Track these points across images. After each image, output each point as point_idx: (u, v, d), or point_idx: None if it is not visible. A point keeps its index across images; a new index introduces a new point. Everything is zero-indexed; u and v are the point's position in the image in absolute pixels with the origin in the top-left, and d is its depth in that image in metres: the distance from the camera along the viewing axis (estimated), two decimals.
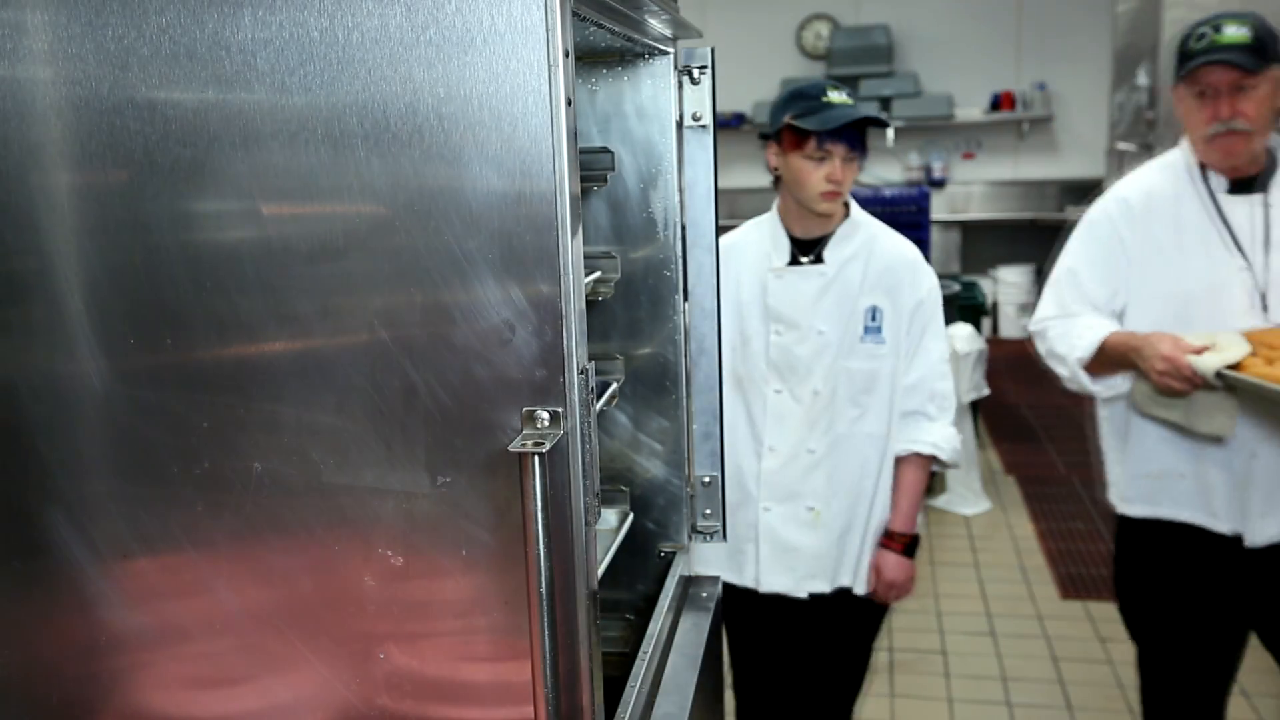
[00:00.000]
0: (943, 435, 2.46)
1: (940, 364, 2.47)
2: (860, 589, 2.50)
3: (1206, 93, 2.26)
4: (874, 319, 2.43)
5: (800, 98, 2.38)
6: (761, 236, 2.51)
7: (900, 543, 2.50)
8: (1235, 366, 2.15)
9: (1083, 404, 2.61)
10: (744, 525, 2.48)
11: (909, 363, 2.45)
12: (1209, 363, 2.16)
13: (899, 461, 2.48)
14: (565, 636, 1.06)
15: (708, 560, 2.46)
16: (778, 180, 2.47)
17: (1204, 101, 2.26)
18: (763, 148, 2.57)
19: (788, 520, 2.46)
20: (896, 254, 2.48)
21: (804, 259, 2.46)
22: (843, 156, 2.35)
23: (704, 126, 1.69)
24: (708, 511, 1.74)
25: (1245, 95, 2.22)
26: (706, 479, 1.77)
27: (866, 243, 2.47)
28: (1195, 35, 2.26)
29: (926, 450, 2.44)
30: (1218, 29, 2.23)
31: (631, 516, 1.72)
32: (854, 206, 2.51)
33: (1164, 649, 2.55)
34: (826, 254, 2.45)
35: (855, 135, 2.35)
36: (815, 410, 2.43)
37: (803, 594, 2.49)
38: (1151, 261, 2.39)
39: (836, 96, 2.34)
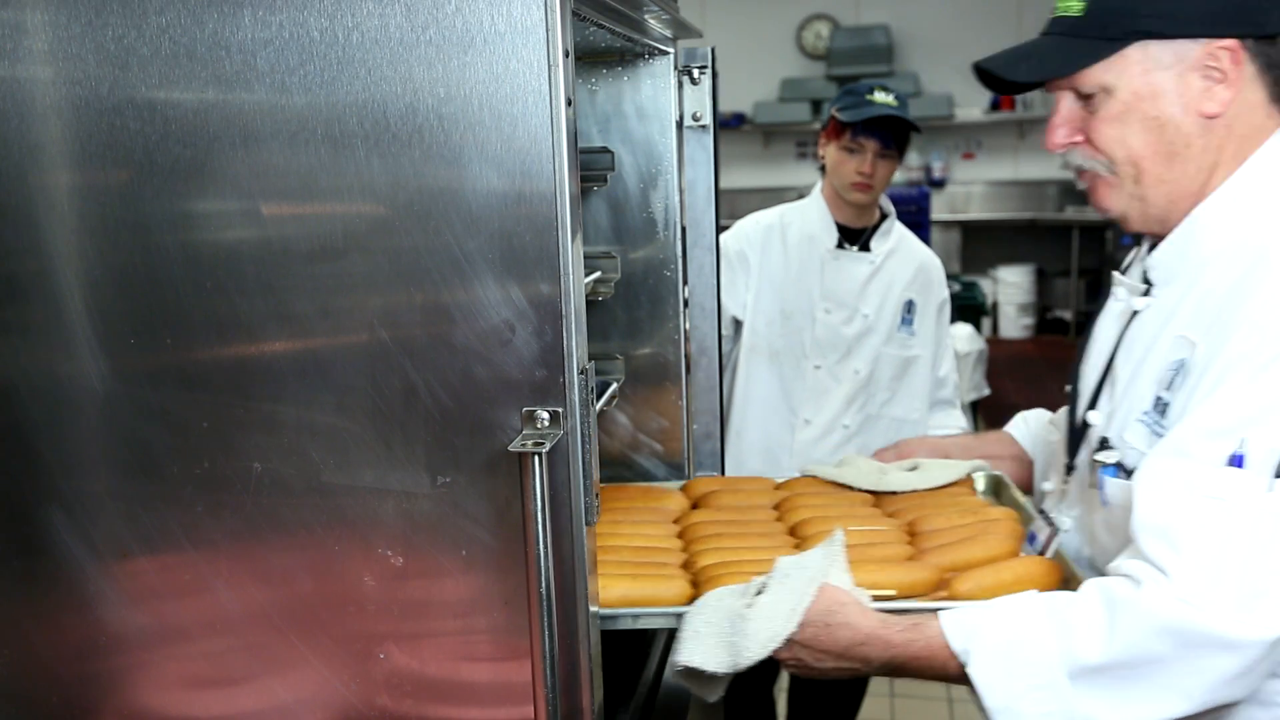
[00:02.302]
0: (961, 419, 2.77)
1: (954, 358, 2.78)
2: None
3: None
4: (909, 312, 2.64)
5: (850, 93, 2.57)
6: (806, 219, 2.68)
7: None
8: None
9: None
10: None
11: (939, 357, 2.69)
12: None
13: None
14: (565, 636, 1.06)
15: None
16: (823, 168, 2.66)
17: None
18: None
19: None
20: (926, 255, 2.72)
21: (849, 246, 2.64)
22: (875, 151, 2.50)
23: (704, 126, 1.69)
24: None
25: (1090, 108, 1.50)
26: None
27: (902, 240, 2.68)
28: None
29: (958, 433, 2.65)
30: None
31: None
32: (890, 206, 2.70)
33: None
34: (873, 244, 2.64)
35: (889, 134, 2.50)
36: (853, 389, 2.61)
37: None
38: None
39: (880, 96, 2.50)
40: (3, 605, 1.15)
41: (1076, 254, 8.63)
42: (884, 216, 2.67)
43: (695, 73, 1.66)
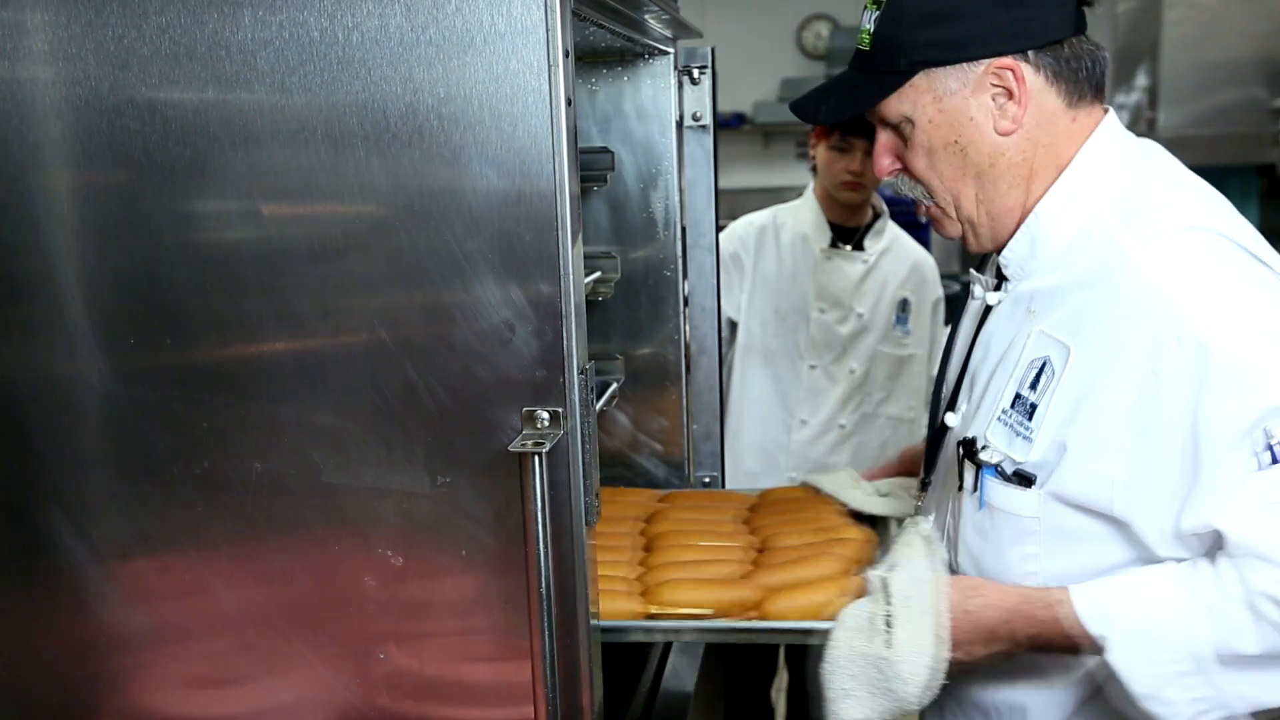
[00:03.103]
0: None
1: None
2: None
3: None
4: (904, 310, 2.65)
5: None
6: (799, 219, 2.68)
7: None
8: None
9: None
10: None
11: (935, 355, 2.65)
12: None
13: None
14: (565, 636, 1.06)
15: None
16: (815, 168, 2.67)
17: None
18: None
19: None
20: (920, 253, 2.73)
21: (842, 245, 2.65)
22: (864, 150, 2.49)
23: (704, 126, 1.69)
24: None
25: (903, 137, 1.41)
26: (707, 479, 1.77)
27: (895, 239, 2.69)
28: None
29: None
30: None
31: None
32: (883, 205, 2.70)
33: None
34: (866, 243, 2.65)
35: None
36: (849, 388, 2.62)
37: None
38: None
39: None
40: (3, 605, 1.15)
41: None
42: (877, 215, 2.67)
43: (695, 73, 1.66)
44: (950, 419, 1.36)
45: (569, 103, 1.02)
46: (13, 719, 1.18)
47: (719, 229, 1.78)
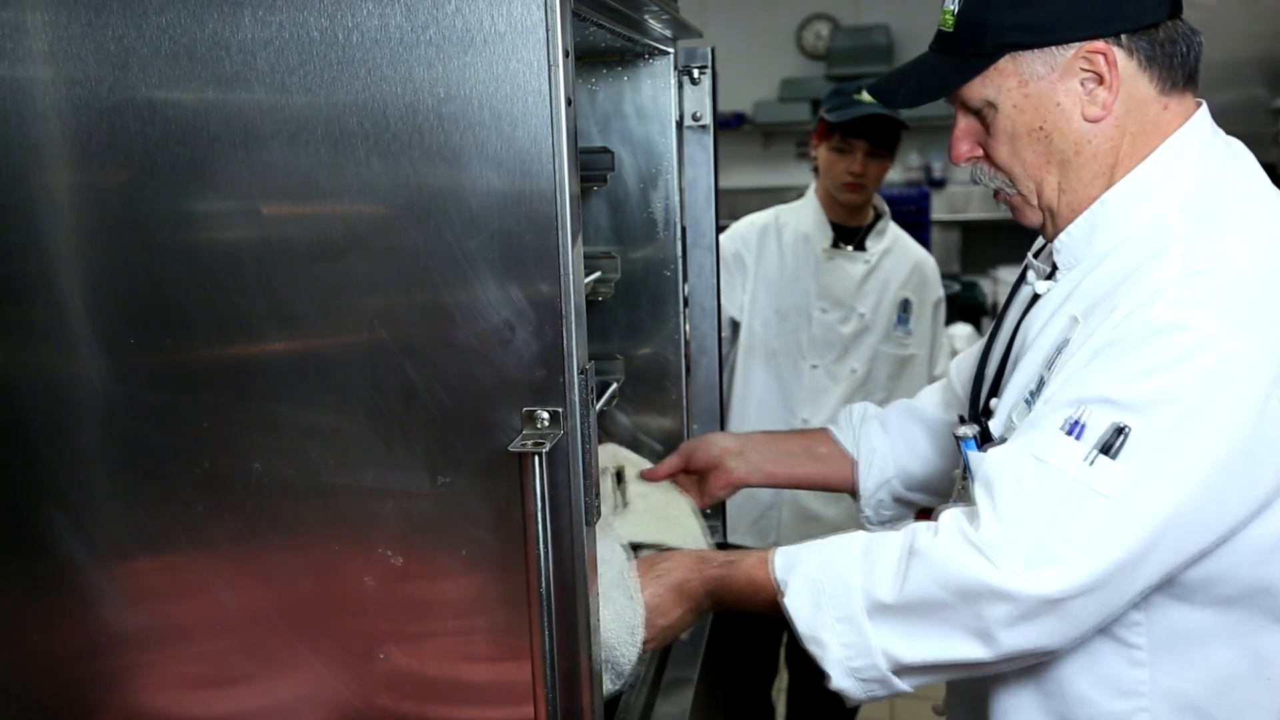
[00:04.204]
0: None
1: (950, 356, 2.73)
2: None
3: None
4: (905, 311, 2.66)
5: (838, 94, 2.59)
6: (801, 219, 2.69)
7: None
8: None
9: None
10: (770, 493, 2.63)
11: (936, 355, 2.71)
12: None
13: None
14: (565, 636, 1.06)
15: (734, 527, 2.52)
16: (816, 169, 2.68)
17: None
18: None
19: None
20: (921, 254, 2.74)
21: (843, 246, 2.66)
22: (864, 151, 2.51)
23: (704, 126, 1.69)
24: (708, 512, 1.73)
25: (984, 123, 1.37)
26: None
27: (896, 240, 2.70)
28: None
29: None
30: None
31: None
32: (884, 206, 2.71)
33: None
34: (868, 243, 2.65)
35: (879, 134, 2.46)
36: (851, 388, 2.63)
37: None
38: None
39: (867, 96, 2.48)
40: (3, 605, 1.15)
41: None
42: (878, 216, 2.68)
43: (695, 73, 1.66)
44: (995, 404, 1.34)
45: (569, 103, 1.02)
46: (12, 719, 1.18)
47: (719, 229, 1.78)
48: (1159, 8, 1.18)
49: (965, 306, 6.08)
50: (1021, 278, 1.42)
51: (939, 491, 1.61)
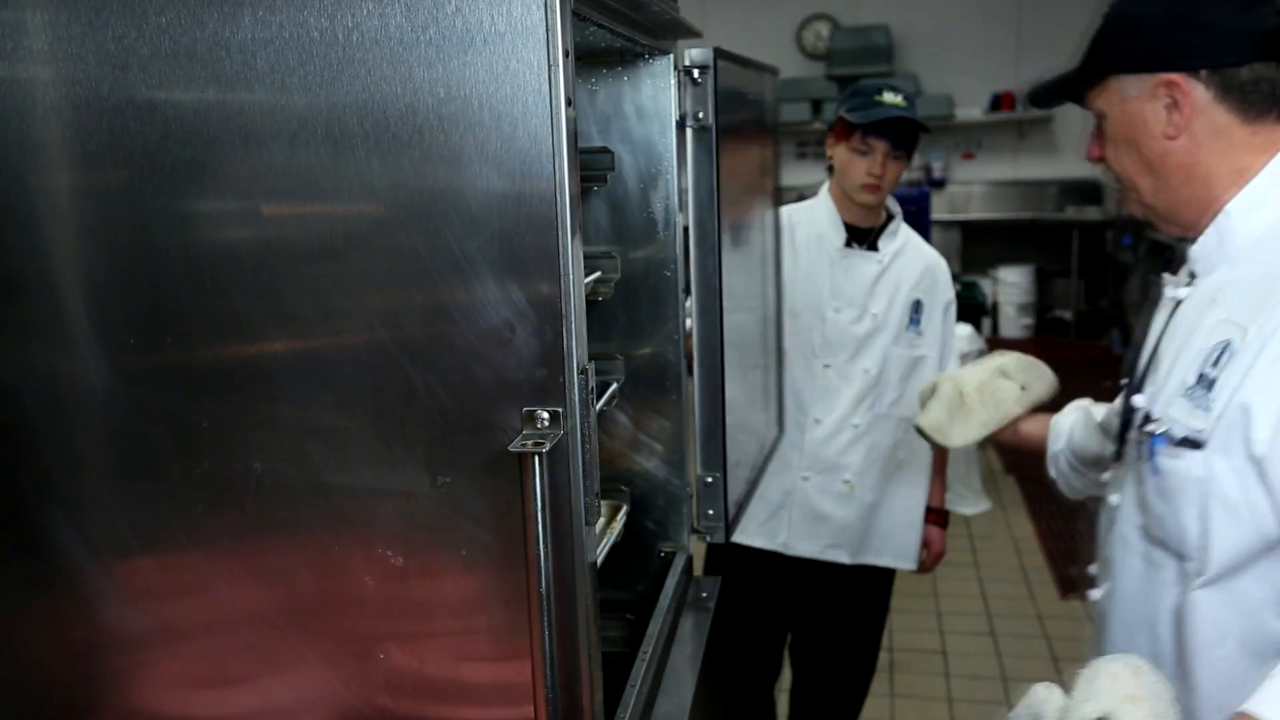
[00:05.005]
0: None
1: (958, 359, 2.78)
2: (910, 564, 2.73)
3: None
4: (916, 312, 2.66)
5: (858, 94, 2.56)
6: (814, 218, 2.69)
7: (941, 517, 2.79)
8: None
9: None
10: (779, 492, 2.65)
11: (946, 357, 2.72)
12: None
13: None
14: (565, 636, 1.06)
15: (744, 527, 2.53)
16: (831, 168, 2.66)
17: None
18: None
19: (823, 490, 2.64)
20: (932, 256, 2.74)
21: (857, 246, 2.66)
22: (884, 152, 2.51)
23: (706, 128, 1.69)
24: (710, 512, 1.73)
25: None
26: (710, 479, 1.76)
27: (908, 241, 2.70)
28: None
29: None
30: None
31: (626, 510, 1.72)
32: (896, 208, 2.71)
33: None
34: (880, 244, 2.65)
35: (899, 135, 2.48)
36: (863, 388, 2.63)
37: (826, 559, 2.67)
38: None
39: (889, 97, 2.50)
40: (3, 605, 1.15)
41: (1076, 254, 8.62)
42: (890, 217, 2.68)
43: (695, 73, 1.66)
44: (1138, 400, 1.50)
45: (569, 103, 1.02)
46: (12, 719, 1.18)
47: (720, 229, 1.77)
48: (1240, 51, 1.38)
49: (965, 306, 6.07)
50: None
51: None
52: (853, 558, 2.67)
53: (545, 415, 1.04)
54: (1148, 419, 1.43)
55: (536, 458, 0.99)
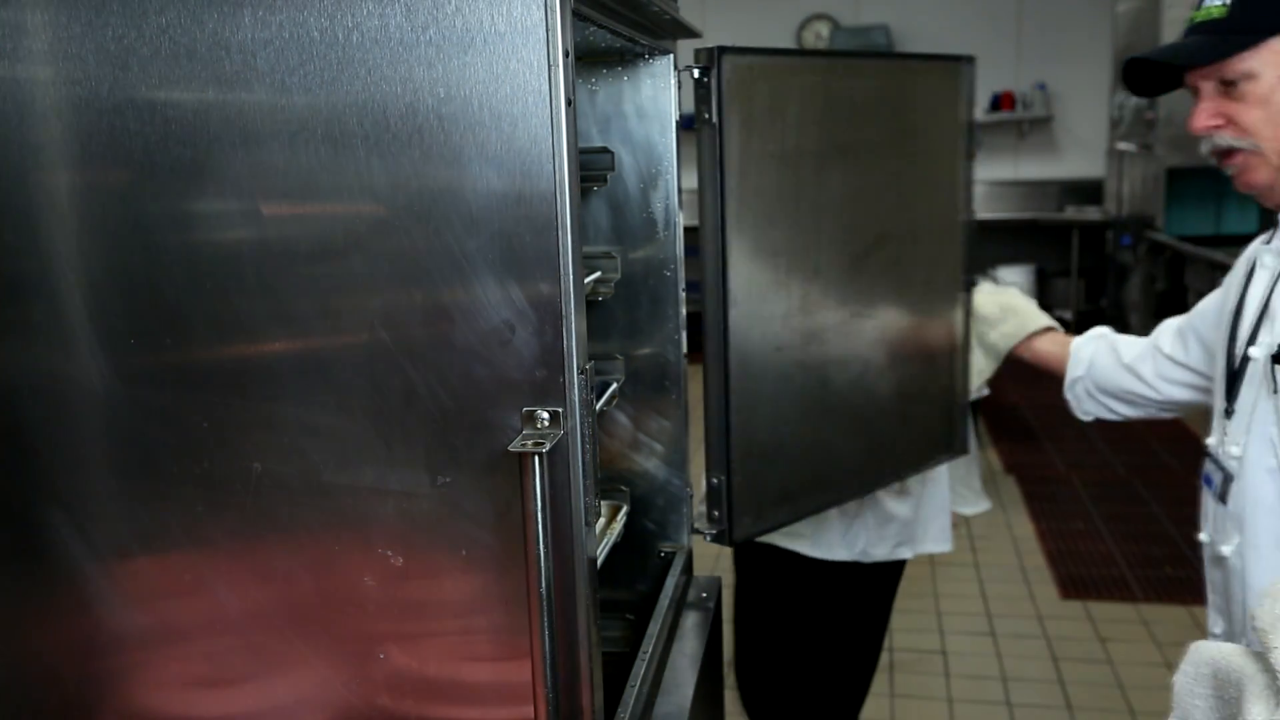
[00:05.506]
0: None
1: None
2: (949, 547, 2.76)
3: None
4: None
5: None
6: None
7: None
8: None
9: None
10: (854, 501, 2.60)
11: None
12: None
13: None
14: (565, 636, 1.06)
15: (830, 544, 2.55)
16: None
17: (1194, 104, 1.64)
18: None
19: (886, 491, 2.64)
20: None
21: None
22: None
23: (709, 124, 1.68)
24: (715, 514, 1.73)
25: (1235, 94, 1.55)
26: (715, 480, 1.76)
27: None
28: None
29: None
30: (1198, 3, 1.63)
31: (626, 510, 1.71)
32: None
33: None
34: None
35: None
36: None
37: (896, 558, 2.68)
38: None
39: None
40: (3, 605, 1.15)
41: (1076, 254, 8.62)
42: None
43: (695, 73, 1.65)
44: (1254, 351, 1.61)
45: (569, 103, 1.02)
46: (12, 719, 1.18)
47: (721, 228, 1.77)
48: None
49: None
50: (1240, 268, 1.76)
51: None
52: (913, 551, 2.69)
53: (545, 415, 1.04)
54: (1277, 358, 1.52)
55: (536, 458, 0.99)
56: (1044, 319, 2.23)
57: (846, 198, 1.84)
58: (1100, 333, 2.15)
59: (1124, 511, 5.16)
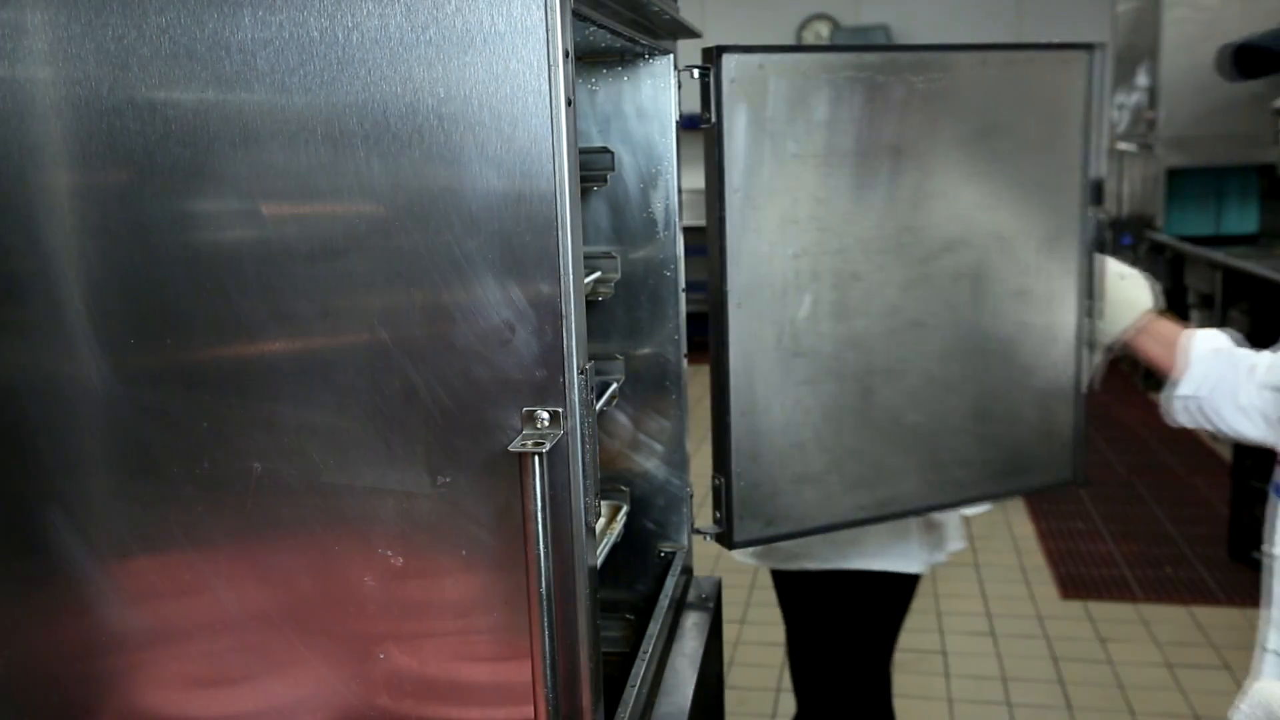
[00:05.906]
0: None
1: None
2: (964, 543, 2.70)
3: None
4: None
5: None
6: None
7: None
8: None
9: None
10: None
11: None
12: None
13: None
14: (565, 636, 1.06)
15: (882, 552, 2.46)
16: None
17: None
18: None
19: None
20: None
21: None
22: None
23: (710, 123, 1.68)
24: (717, 515, 1.72)
25: None
26: (717, 481, 1.76)
27: None
28: None
29: None
30: None
31: (626, 510, 1.71)
32: None
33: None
34: None
35: None
36: None
37: (934, 562, 2.64)
38: None
39: None
40: (3, 605, 1.15)
41: None
42: None
43: (695, 73, 1.65)
44: None
45: (569, 103, 1.02)
46: (12, 719, 1.18)
47: (722, 228, 1.77)
48: None
49: None
50: None
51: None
52: (946, 554, 2.70)
53: (545, 415, 1.04)
54: None
55: (536, 458, 0.99)
56: (1145, 303, 1.94)
57: (902, 200, 1.72)
58: (1216, 345, 1.85)
59: (1124, 511, 5.16)
